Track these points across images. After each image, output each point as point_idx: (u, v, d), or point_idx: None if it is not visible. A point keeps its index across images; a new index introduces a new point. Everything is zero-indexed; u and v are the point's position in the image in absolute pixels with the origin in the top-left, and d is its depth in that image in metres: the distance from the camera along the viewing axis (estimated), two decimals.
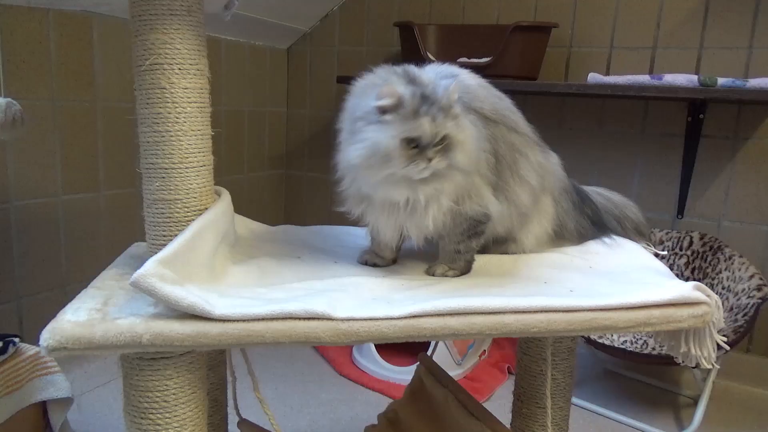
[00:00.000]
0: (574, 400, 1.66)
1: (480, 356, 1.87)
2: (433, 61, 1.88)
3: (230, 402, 0.94)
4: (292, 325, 0.65)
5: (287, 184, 2.49)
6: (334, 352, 1.87)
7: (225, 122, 2.13)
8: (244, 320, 0.64)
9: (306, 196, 2.46)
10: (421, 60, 1.86)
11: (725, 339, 1.41)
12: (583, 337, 1.60)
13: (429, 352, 1.11)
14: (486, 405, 1.65)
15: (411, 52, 1.89)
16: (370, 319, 0.67)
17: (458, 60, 1.86)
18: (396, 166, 0.73)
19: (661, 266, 0.87)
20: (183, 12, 0.74)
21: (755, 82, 1.50)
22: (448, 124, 0.74)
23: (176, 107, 0.74)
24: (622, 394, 1.74)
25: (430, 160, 0.73)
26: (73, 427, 1.28)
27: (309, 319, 0.66)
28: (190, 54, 0.75)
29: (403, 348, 1.80)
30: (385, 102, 0.72)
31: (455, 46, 1.91)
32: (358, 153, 0.73)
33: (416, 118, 0.72)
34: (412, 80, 0.76)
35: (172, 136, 0.74)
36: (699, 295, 0.75)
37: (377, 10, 2.20)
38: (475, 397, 1.66)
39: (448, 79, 0.79)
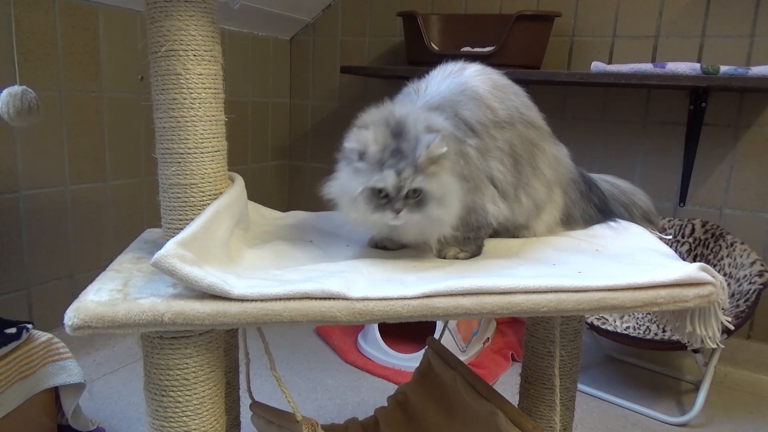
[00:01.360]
0: (578, 386, 1.68)
1: (484, 343, 1.89)
2: (436, 51, 1.90)
3: (242, 384, 0.96)
4: (309, 305, 0.67)
5: (290, 174, 2.50)
6: (339, 340, 1.89)
7: (228, 113, 2.14)
8: (262, 300, 0.66)
9: (309, 186, 2.47)
10: (424, 49, 1.88)
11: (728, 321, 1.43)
12: (586, 323, 1.62)
13: (437, 337, 1.12)
14: None
15: (414, 42, 1.90)
16: (385, 299, 0.69)
17: (462, 50, 1.87)
18: (362, 212, 0.76)
19: (667, 248, 0.88)
20: None
21: (757, 70, 1.51)
22: (418, 178, 0.74)
23: (191, 93, 0.75)
24: (625, 380, 1.76)
25: (397, 211, 0.75)
26: (84, 413, 1.30)
27: (325, 299, 0.67)
28: (205, 40, 0.76)
29: (407, 335, 1.82)
30: (354, 146, 0.75)
31: (458, 35, 1.92)
32: (333, 189, 0.78)
33: (381, 170, 0.74)
34: (395, 132, 0.77)
35: (187, 121, 0.75)
36: (705, 276, 0.77)
37: (379, 0, 2.21)
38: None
39: (432, 134, 0.76)
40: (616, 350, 1.91)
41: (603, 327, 1.61)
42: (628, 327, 1.72)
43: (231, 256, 0.76)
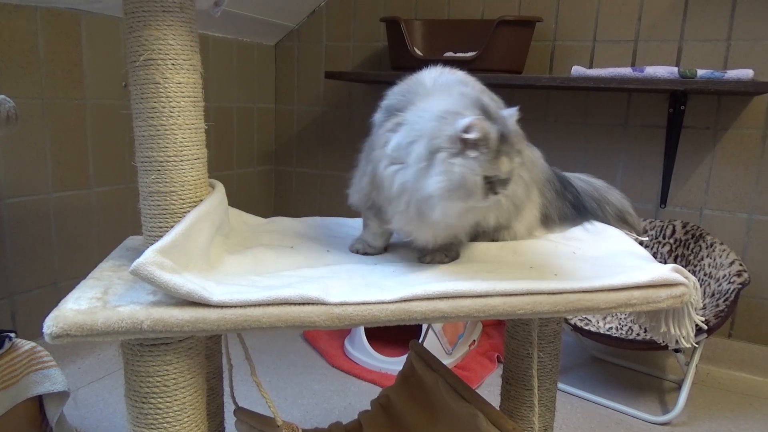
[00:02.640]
0: (562, 386, 1.70)
1: (470, 346, 1.90)
2: (419, 56, 1.92)
3: (226, 390, 0.97)
4: (288, 310, 0.67)
5: (276, 179, 2.51)
6: (326, 344, 1.90)
7: (213, 119, 2.15)
8: (241, 306, 0.67)
9: (295, 191, 2.48)
10: (407, 54, 1.89)
11: (706, 322, 1.46)
12: (569, 324, 1.64)
13: (420, 340, 1.13)
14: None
15: (397, 48, 1.91)
16: (363, 303, 0.69)
17: (444, 55, 1.89)
18: (477, 200, 0.73)
19: (642, 250, 0.90)
20: (175, 8, 0.75)
21: (733, 74, 1.54)
22: (516, 160, 0.75)
23: (170, 102, 0.76)
24: (608, 380, 1.78)
25: (496, 194, 0.75)
26: (69, 422, 1.29)
27: (304, 304, 0.68)
28: (183, 49, 0.76)
29: (393, 339, 1.83)
30: (473, 136, 0.71)
31: (441, 40, 1.94)
32: (440, 185, 0.71)
33: (498, 157, 0.73)
34: (487, 114, 0.75)
35: (166, 129, 0.76)
36: (677, 277, 0.79)
37: (364, 5, 2.22)
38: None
39: (509, 111, 0.78)
40: (600, 351, 1.93)
41: (586, 328, 1.63)
42: (611, 328, 1.74)
43: (211, 263, 0.77)
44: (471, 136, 0.71)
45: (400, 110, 0.80)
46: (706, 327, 1.45)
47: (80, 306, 0.66)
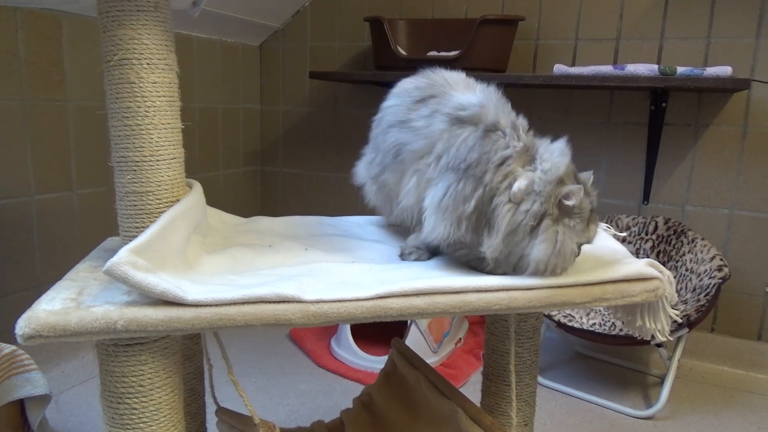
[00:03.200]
0: (547, 382, 1.71)
1: (456, 344, 1.91)
2: (403, 55, 1.92)
3: (208, 390, 0.96)
4: (263, 308, 0.68)
5: (263, 180, 2.50)
6: (312, 344, 1.90)
7: (198, 120, 2.14)
8: (216, 305, 0.67)
9: (282, 191, 2.48)
10: (391, 54, 1.90)
11: (687, 317, 1.47)
12: (554, 321, 1.65)
13: (404, 339, 1.14)
14: (461, 390, 1.69)
15: (381, 47, 1.91)
16: (339, 301, 0.70)
17: (428, 54, 1.90)
18: (570, 262, 0.77)
19: (618, 245, 0.91)
20: (150, 8, 0.75)
21: (712, 71, 1.56)
22: (598, 225, 0.81)
23: (146, 101, 0.75)
24: (593, 376, 1.80)
25: (578, 254, 0.80)
26: (52, 425, 1.28)
27: (279, 302, 0.68)
28: (158, 49, 0.76)
29: (379, 338, 1.84)
30: (571, 203, 0.75)
31: (425, 40, 1.94)
32: (548, 252, 0.74)
33: (589, 226, 0.78)
34: (579, 182, 0.78)
35: (142, 129, 0.76)
36: (651, 271, 0.80)
37: (348, 5, 2.22)
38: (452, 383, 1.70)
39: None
40: (584, 347, 1.95)
41: (570, 324, 1.64)
42: (594, 323, 1.75)
43: (188, 263, 0.77)
44: (569, 203, 0.74)
45: (495, 128, 0.79)
46: (680, 320, 1.46)
47: (53, 307, 0.66)
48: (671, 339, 1.54)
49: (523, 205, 0.75)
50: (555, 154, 0.79)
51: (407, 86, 0.90)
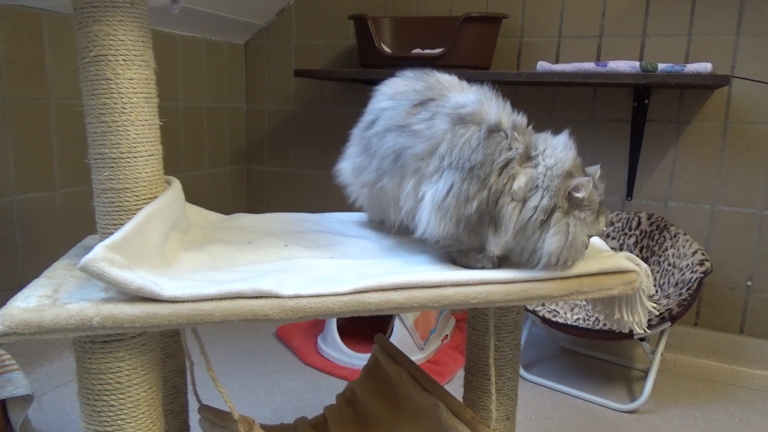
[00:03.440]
0: (532, 377, 1.73)
1: (443, 341, 1.92)
2: (387, 53, 1.92)
3: (191, 388, 0.96)
4: (241, 304, 0.68)
5: (249, 179, 2.50)
6: (298, 342, 1.90)
7: (183, 118, 2.13)
8: (193, 300, 0.66)
9: (268, 190, 2.47)
10: (375, 52, 1.90)
11: (669, 311, 1.49)
12: (538, 316, 1.67)
13: (388, 335, 1.14)
14: (447, 386, 1.70)
15: (366, 45, 1.92)
16: (317, 296, 0.70)
17: (412, 52, 1.90)
18: (581, 254, 0.79)
19: (596, 239, 0.92)
20: (126, 4, 0.75)
21: (692, 67, 1.58)
22: (608, 217, 0.83)
23: (122, 98, 0.75)
24: (578, 370, 1.81)
25: (587, 247, 0.81)
26: (34, 426, 1.27)
27: (257, 297, 0.68)
28: (135, 45, 0.76)
29: (366, 335, 1.84)
30: (581, 195, 0.76)
31: (409, 37, 1.94)
32: (560, 244, 0.75)
33: (598, 218, 0.80)
34: (587, 175, 0.81)
35: (119, 126, 0.75)
36: (628, 264, 0.81)
37: (333, 3, 2.22)
38: (438, 380, 1.70)
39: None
40: (570, 342, 1.96)
41: (554, 319, 1.66)
42: (578, 318, 1.76)
43: (166, 259, 0.77)
44: (579, 195, 0.76)
45: (498, 129, 0.80)
46: (657, 313, 1.48)
47: (28, 304, 0.65)
48: (650, 333, 1.56)
49: (531, 201, 0.76)
50: (558, 149, 0.80)
51: (402, 88, 0.88)
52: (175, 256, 0.79)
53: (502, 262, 0.82)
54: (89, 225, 1.81)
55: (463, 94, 0.84)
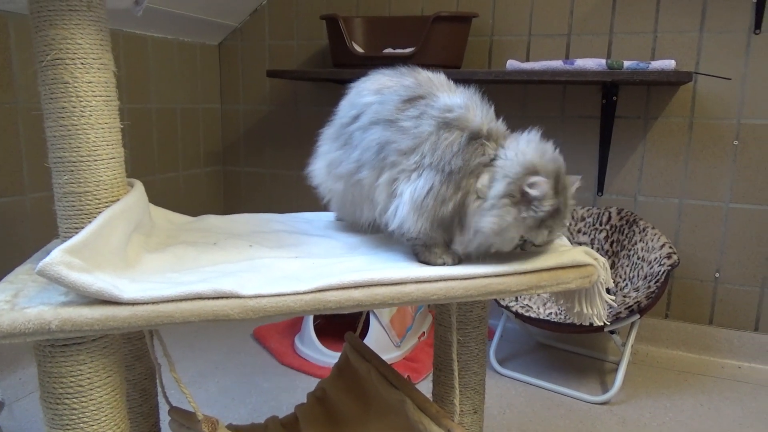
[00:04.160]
0: (507, 372, 1.75)
1: (419, 338, 1.93)
2: (359, 53, 1.93)
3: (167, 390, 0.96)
4: (201, 305, 0.68)
5: (225, 180, 2.49)
6: (275, 343, 1.90)
7: (156, 120, 2.12)
8: (153, 302, 0.67)
9: (245, 191, 2.47)
10: (347, 51, 1.90)
11: (638, 303, 1.51)
12: (512, 311, 1.69)
13: (357, 332, 1.15)
14: (424, 383, 1.71)
15: (338, 45, 1.92)
16: (278, 295, 0.71)
17: (384, 51, 1.91)
18: (506, 247, 0.80)
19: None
20: (83, 8, 0.75)
21: (657, 65, 1.61)
22: (557, 233, 0.81)
23: (81, 101, 0.75)
24: (552, 364, 1.84)
25: (523, 249, 0.82)
26: None
27: (217, 298, 0.69)
28: (93, 49, 0.76)
29: (343, 334, 1.84)
30: (534, 193, 0.76)
31: (381, 37, 1.96)
32: (492, 227, 0.76)
33: (540, 227, 0.78)
34: (556, 188, 0.79)
35: (78, 129, 0.76)
36: (586, 258, 0.83)
37: (305, 3, 2.22)
38: (414, 377, 1.72)
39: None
40: (545, 336, 1.99)
41: (527, 314, 1.68)
42: (550, 313, 1.79)
43: (128, 262, 0.77)
44: (532, 192, 0.75)
45: (477, 136, 0.81)
46: (615, 305, 1.51)
47: None
48: (619, 326, 1.58)
49: (491, 191, 0.78)
50: (521, 142, 0.82)
51: (389, 83, 0.89)
52: (137, 258, 0.79)
53: (466, 259, 0.83)
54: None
55: (451, 96, 0.85)
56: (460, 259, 0.82)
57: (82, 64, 0.75)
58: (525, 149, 0.80)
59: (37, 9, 0.74)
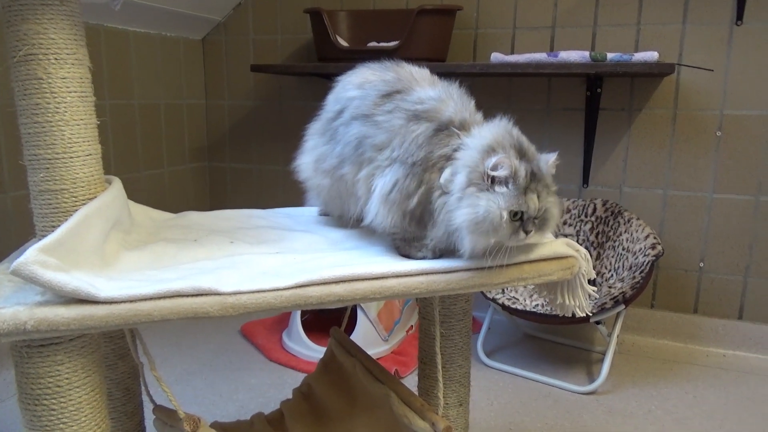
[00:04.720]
0: (495, 364, 1.76)
1: (407, 331, 1.94)
2: (343, 46, 1.92)
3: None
4: (180, 302, 0.67)
5: (211, 176, 2.47)
6: (263, 339, 1.90)
7: (140, 117, 2.09)
8: (130, 301, 0.66)
9: (230, 187, 2.45)
10: (332, 45, 1.89)
11: (623, 293, 1.52)
12: (498, 304, 1.69)
13: (343, 327, 1.15)
14: (411, 377, 1.72)
15: (322, 39, 1.91)
16: (257, 291, 0.70)
17: (368, 45, 1.90)
18: (501, 236, 0.74)
19: None
20: (55, 2, 0.74)
21: (639, 56, 1.61)
22: (550, 199, 0.77)
23: (55, 97, 0.74)
24: (540, 355, 1.85)
25: (527, 232, 0.75)
26: None
27: (196, 295, 0.68)
28: (66, 44, 0.75)
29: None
30: (501, 173, 0.73)
31: (365, 31, 1.95)
32: (469, 218, 0.73)
33: (525, 194, 0.74)
34: (520, 153, 0.77)
35: (53, 126, 0.74)
36: (567, 250, 0.83)
37: None
38: (402, 370, 1.72)
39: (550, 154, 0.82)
40: (532, 328, 2.00)
41: (514, 306, 1.68)
42: (537, 305, 1.80)
43: (106, 260, 0.76)
44: (499, 173, 0.73)
45: (446, 127, 0.80)
46: (597, 296, 1.52)
47: None
48: (605, 316, 1.59)
49: (453, 185, 0.76)
50: (484, 129, 0.81)
51: (371, 78, 0.89)
52: (115, 256, 0.78)
53: (447, 253, 0.83)
54: None
55: (426, 90, 0.84)
56: (441, 253, 0.82)
57: (56, 59, 0.74)
58: (485, 134, 0.79)
59: (8, 3, 0.73)
